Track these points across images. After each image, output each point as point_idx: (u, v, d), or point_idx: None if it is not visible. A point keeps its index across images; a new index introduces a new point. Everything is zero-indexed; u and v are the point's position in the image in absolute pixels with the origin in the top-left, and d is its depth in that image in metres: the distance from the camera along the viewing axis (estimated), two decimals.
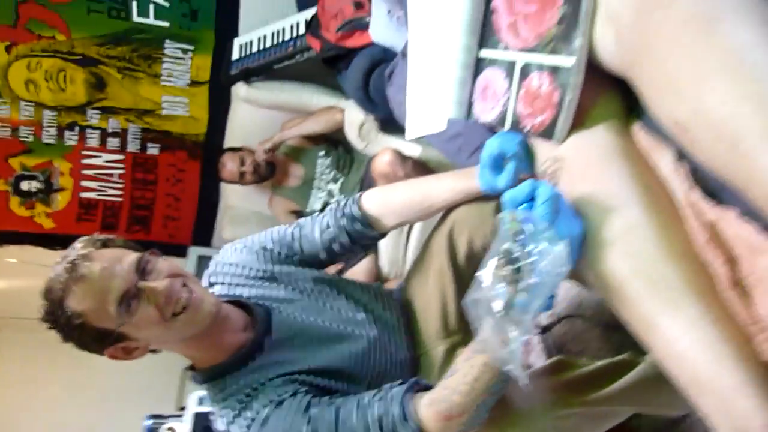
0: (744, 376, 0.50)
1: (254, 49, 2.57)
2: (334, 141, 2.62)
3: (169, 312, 0.91)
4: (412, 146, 2.11)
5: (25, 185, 2.77)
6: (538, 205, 0.70)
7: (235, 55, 2.63)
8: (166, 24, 2.67)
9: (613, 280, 0.64)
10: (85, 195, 2.83)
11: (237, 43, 2.66)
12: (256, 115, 2.70)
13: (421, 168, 2.09)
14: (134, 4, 2.60)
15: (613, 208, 0.66)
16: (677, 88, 0.56)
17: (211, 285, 1.16)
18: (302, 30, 2.41)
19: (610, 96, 0.80)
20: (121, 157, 2.83)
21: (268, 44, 2.52)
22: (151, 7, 2.63)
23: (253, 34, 2.61)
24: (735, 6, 0.51)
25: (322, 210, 1.27)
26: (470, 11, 0.92)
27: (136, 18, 2.63)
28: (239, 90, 2.62)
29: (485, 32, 0.93)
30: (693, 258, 0.59)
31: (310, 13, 2.35)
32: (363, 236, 1.14)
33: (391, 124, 2.26)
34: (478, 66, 0.95)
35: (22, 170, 2.74)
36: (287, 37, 2.47)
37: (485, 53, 0.93)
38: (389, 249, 2.18)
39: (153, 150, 2.86)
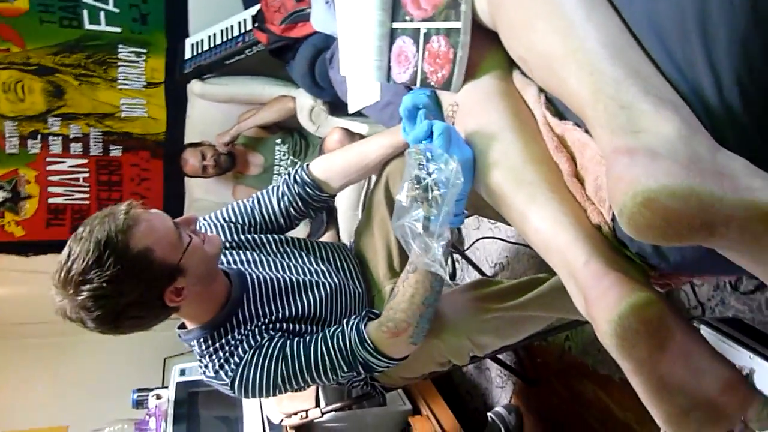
0: (575, 234, 0.68)
1: (205, 47, 2.71)
2: (289, 128, 2.77)
3: (201, 238, 1.08)
4: (360, 126, 2.28)
5: None
6: (435, 138, 0.87)
7: (188, 54, 2.76)
8: (117, 29, 2.78)
9: (495, 188, 0.82)
10: (52, 201, 2.93)
11: (188, 42, 2.79)
12: (212, 110, 2.84)
13: None
14: (85, 13, 2.71)
15: (493, 134, 0.85)
16: (516, 33, 0.74)
17: None
18: (249, 26, 2.55)
19: (495, 51, 0.97)
20: (84, 161, 2.93)
21: (218, 41, 2.66)
22: (102, 14, 2.74)
23: (203, 33, 2.74)
24: None
25: None
26: None
27: (87, 26, 2.73)
28: (194, 87, 2.75)
29: (395, 8, 1.10)
30: (548, 162, 0.78)
31: (255, 9, 2.49)
32: (314, 199, 1.30)
33: (339, 107, 2.43)
34: (392, 36, 1.12)
35: None
36: (236, 33, 2.61)
37: (396, 25, 1.11)
38: (347, 222, 2.36)
39: (116, 152, 2.97)
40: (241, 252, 1.27)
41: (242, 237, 1.28)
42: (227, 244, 1.26)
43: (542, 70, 0.70)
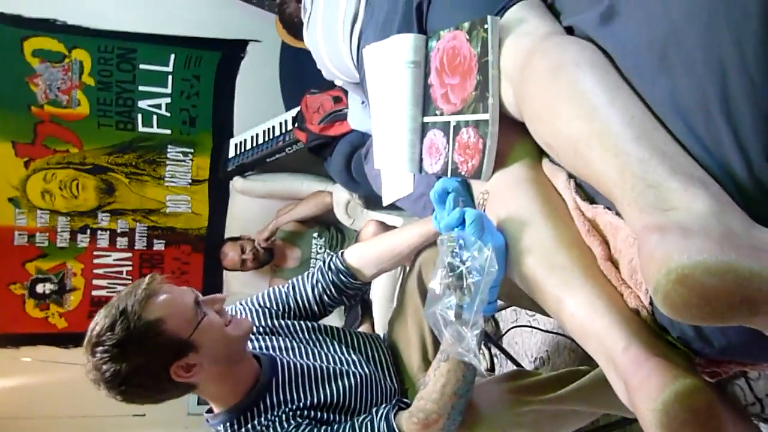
0: (612, 319, 0.66)
1: (248, 146, 2.85)
2: (326, 223, 2.83)
3: (227, 319, 1.10)
4: (395, 218, 2.31)
5: (40, 288, 2.95)
6: (467, 225, 0.88)
7: (231, 153, 2.90)
8: (168, 131, 2.97)
9: (528, 274, 0.81)
10: (96, 293, 3.01)
11: (232, 142, 2.94)
12: (252, 206, 2.93)
13: None
14: (139, 116, 2.91)
15: (524, 221, 0.85)
16: (541, 119, 0.76)
17: None
18: (290, 126, 2.69)
19: (524, 141, 0.99)
20: (129, 254, 3.04)
21: (260, 141, 2.79)
22: (155, 117, 2.94)
23: (247, 133, 2.89)
24: (572, 57, 0.72)
25: None
26: (413, 88, 1.16)
27: (141, 128, 2.93)
28: (236, 183, 2.87)
29: (426, 103, 1.15)
30: (580, 246, 0.77)
31: (295, 111, 2.63)
32: (348, 287, 1.31)
33: (374, 201, 2.48)
34: (423, 130, 1.16)
35: (37, 273, 2.94)
36: (277, 133, 2.75)
37: (428, 119, 1.15)
38: (382, 315, 2.33)
39: (159, 246, 3.07)
40: (273, 338, 1.27)
41: (275, 322, 1.28)
42: (261, 329, 1.27)
43: (568, 155, 0.71)
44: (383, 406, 1.11)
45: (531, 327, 1.95)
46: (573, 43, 0.76)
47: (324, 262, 1.33)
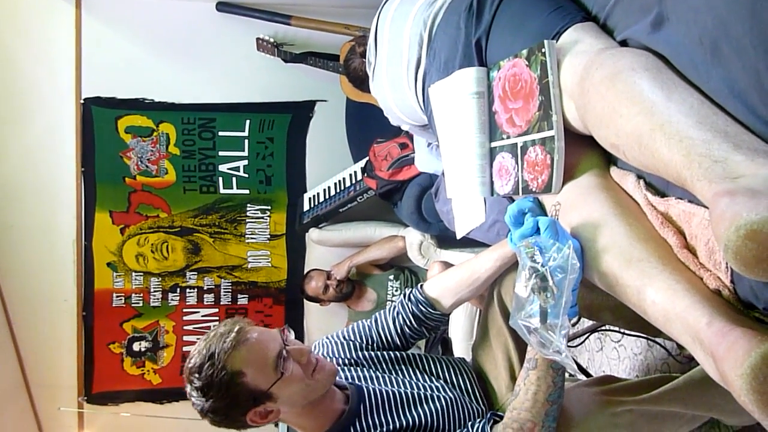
0: (693, 298, 0.68)
1: (321, 199, 2.99)
2: (400, 266, 2.90)
3: (310, 370, 1.13)
4: (467, 255, 2.35)
5: (136, 346, 3.15)
6: (542, 231, 0.92)
7: (306, 207, 3.05)
8: (246, 191, 3.17)
9: (606, 271, 0.84)
10: (186, 348, 3.17)
11: (306, 197, 3.10)
12: (328, 255, 3.04)
13: None
14: (220, 180, 3.13)
15: (597, 223, 0.89)
16: (604, 122, 0.81)
17: None
18: (359, 176, 2.82)
19: (590, 153, 1.05)
20: (215, 310, 3.20)
21: (333, 192, 2.94)
22: (234, 179, 3.15)
23: (319, 187, 3.05)
24: (627, 64, 0.78)
25: None
26: (478, 117, 1.23)
27: (222, 190, 3.15)
28: (312, 235, 3.00)
29: (492, 129, 1.23)
30: (655, 239, 0.80)
31: (364, 161, 2.76)
32: (428, 317, 1.35)
33: (447, 240, 2.54)
34: (492, 154, 1.23)
35: (133, 333, 3.14)
36: (347, 184, 2.88)
37: (495, 144, 1.22)
38: (462, 353, 2.34)
39: (243, 300, 3.22)
40: (358, 368, 1.32)
41: (360, 354, 1.34)
42: (346, 360, 1.33)
43: (634, 149, 0.76)
44: (478, 420, 1.13)
45: (619, 331, 1.88)
46: (626, 52, 0.82)
47: (404, 295, 1.39)
